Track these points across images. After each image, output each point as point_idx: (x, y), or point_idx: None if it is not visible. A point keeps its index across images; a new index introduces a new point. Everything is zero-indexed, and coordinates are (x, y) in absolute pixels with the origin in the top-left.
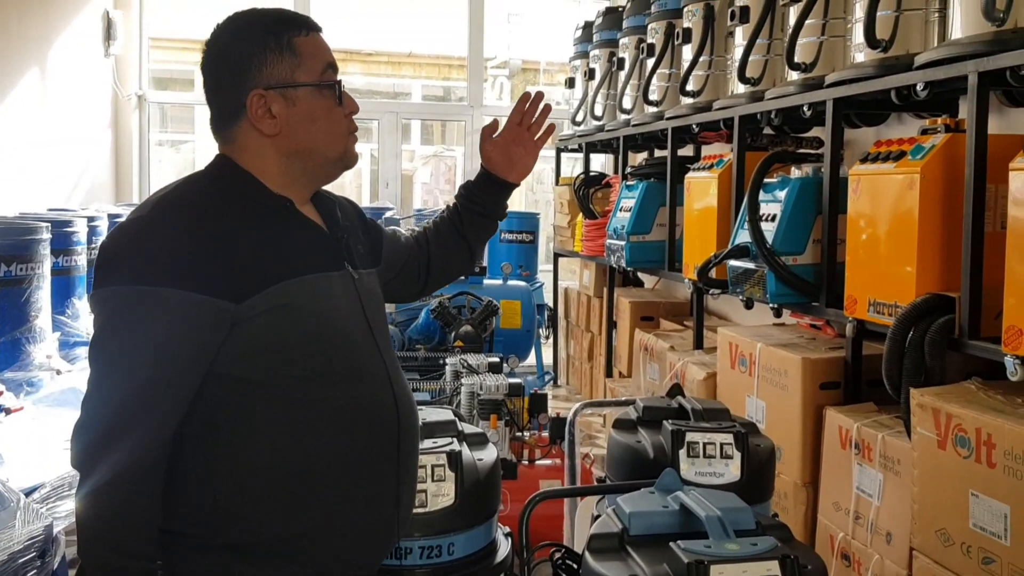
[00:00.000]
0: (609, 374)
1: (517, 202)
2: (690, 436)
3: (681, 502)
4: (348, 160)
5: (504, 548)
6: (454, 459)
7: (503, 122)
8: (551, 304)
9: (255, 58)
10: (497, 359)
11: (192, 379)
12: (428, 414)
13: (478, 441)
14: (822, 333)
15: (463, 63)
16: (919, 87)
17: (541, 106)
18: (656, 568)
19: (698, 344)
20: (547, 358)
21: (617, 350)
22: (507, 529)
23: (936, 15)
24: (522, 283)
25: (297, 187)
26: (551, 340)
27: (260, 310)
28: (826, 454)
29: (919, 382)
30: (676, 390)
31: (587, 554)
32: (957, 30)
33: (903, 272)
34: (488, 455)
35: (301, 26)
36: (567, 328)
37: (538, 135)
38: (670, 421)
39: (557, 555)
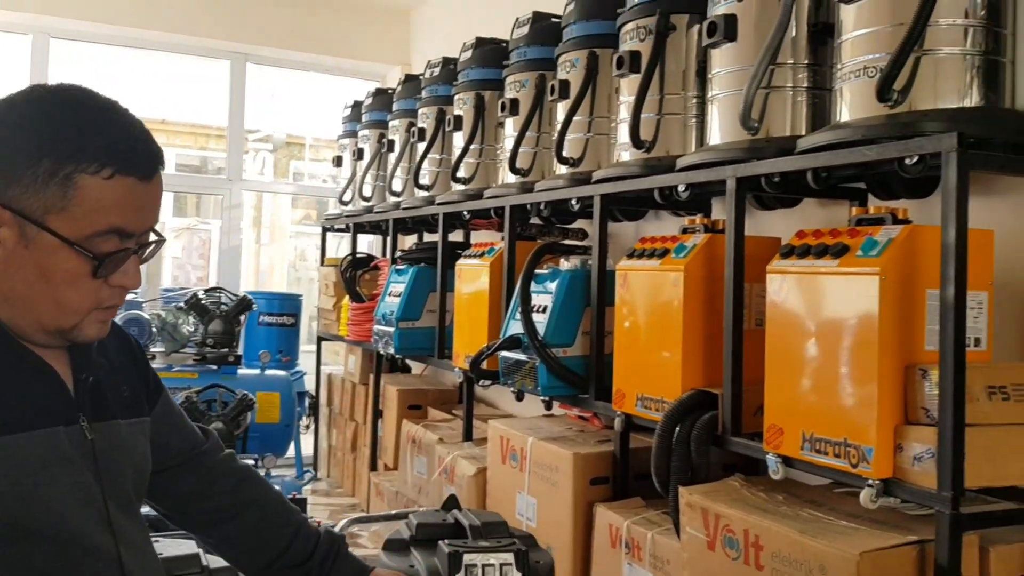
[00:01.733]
0: (374, 467)
1: (278, 282)
2: (468, 558)
3: None
4: (77, 337)
5: None
6: None
7: None
8: (313, 391)
9: (14, 164)
10: (251, 461)
11: None
12: (166, 546)
13: None
14: (590, 425)
15: (222, 133)
16: (681, 188)
17: None
18: None
19: (467, 436)
20: (307, 448)
21: (383, 441)
22: None
23: (694, 120)
24: (282, 372)
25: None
26: (312, 429)
27: None
28: (596, 553)
29: (686, 479)
30: (452, 502)
31: None
32: (716, 136)
33: (669, 368)
34: None
35: (107, 162)
36: (329, 416)
37: None
38: (446, 542)
39: None
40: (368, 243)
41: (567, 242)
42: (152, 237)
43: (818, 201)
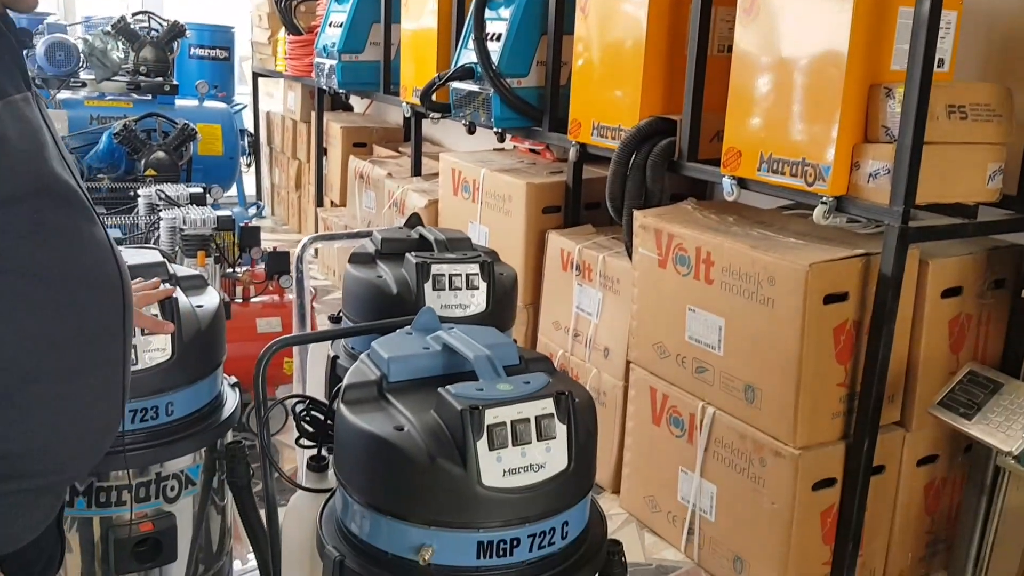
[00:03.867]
0: (320, 203)
1: (203, 12)
2: (436, 268)
3: (444, 342)
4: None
5: (231, 401)
6: (168, 308)
7: None
8: (251, 129)
9: None
10: (200, 190)
11: None
12: (130, 255)
13: (195, 285)
14: (541, 158)
15: None
16: None
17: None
18: (423, 416)
19: (416, 171)
20: (249, 188)
21: (328, 178)
22: (233, 379)
23: None
24: (221, 104)
25: None
26: (253, 168)
27: None
28: (547, 276)
29: (640, 204)
30: (415, 220)
31: (342, 406)
32: None
33: (628, 95)
34: (209, 300)
35: None
36: (270, 155)
37: None
38: (413, 253)
39: (300, 406)
40: None
41: None
42: None
43: None
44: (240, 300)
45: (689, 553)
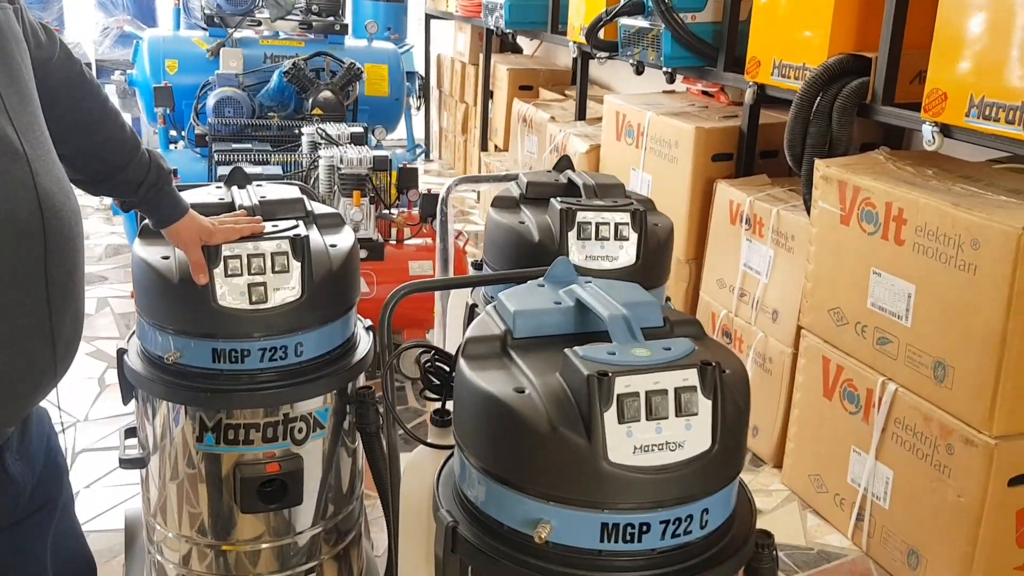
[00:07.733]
0: (484, 147)
1: None
2: (581, 216)
3: (577, 297)
4: None
5: (364, 344)
6: (299, 246)
7: None
8: (423, 72)
9: None
10: (360, 129)
11: None
12: (269, 191)
13: (331, 224)
14: (714, 101)
15: None
16: None
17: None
18: (546, 379)
19: (581, 115)
20: (418, 131)
21: (493, 122)
22: (368, 322)
23: None
24: (389, 45)
25: None
26: (423, 111)
27: None
28: (714, 229)
29: (824, 152)
30: (565, 163)
31: (461, 361)
32: None
33: (816, 28)
34: (343, 240)
35: None
36: (440, 99)
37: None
38: (559, 199)
39: (425, 357)
40: None
41: None
42: None
43: None
44: (395, 242)
45: (856, 540)
